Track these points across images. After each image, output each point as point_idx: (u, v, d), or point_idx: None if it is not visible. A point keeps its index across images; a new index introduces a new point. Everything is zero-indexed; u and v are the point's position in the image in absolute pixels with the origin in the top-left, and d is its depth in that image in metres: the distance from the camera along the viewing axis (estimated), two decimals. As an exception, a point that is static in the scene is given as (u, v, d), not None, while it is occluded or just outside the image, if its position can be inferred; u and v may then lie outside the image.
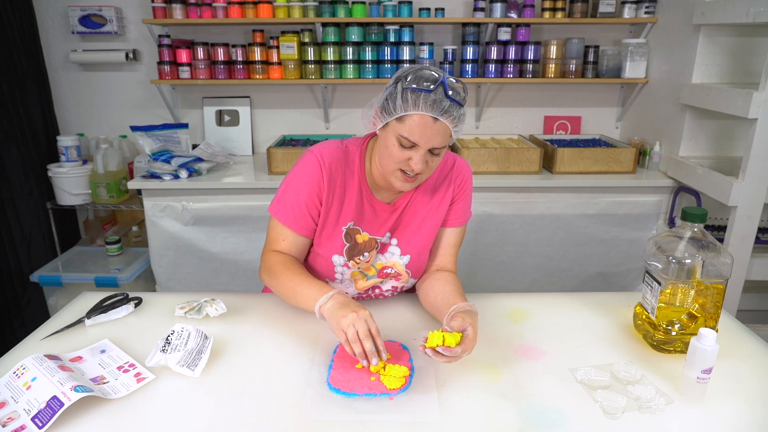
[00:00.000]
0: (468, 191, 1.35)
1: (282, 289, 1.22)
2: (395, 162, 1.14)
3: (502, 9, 2.66)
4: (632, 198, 2.50)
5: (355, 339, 1.03)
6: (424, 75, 1.10)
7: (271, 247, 1.28)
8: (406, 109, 1.09)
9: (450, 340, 1.02)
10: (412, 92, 1.08)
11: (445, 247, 1.35)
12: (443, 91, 1.08)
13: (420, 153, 1.12)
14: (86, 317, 1.24)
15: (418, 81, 1.09)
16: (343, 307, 1.07)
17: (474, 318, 1.10)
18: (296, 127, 3.03)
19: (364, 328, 1.03)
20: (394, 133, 1.12)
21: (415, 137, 1.10)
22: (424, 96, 1.07)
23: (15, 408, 0.92)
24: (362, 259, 1.30)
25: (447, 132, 1.12)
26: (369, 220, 1.28)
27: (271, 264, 1.24)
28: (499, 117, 3.06)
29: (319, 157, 1.23)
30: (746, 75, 2.31)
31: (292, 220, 1.24)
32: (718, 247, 1.10)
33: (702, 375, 0.98)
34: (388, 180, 1.20)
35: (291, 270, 1.22)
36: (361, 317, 1.04)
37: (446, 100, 1.08)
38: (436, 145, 1.12)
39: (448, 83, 1.09)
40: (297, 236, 1.26)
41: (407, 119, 1.10)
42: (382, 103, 1.14)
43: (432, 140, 1.11)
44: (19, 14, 2.57)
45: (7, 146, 2.48)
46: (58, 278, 2.51)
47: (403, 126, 1.10)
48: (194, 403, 0.98)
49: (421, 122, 1.09)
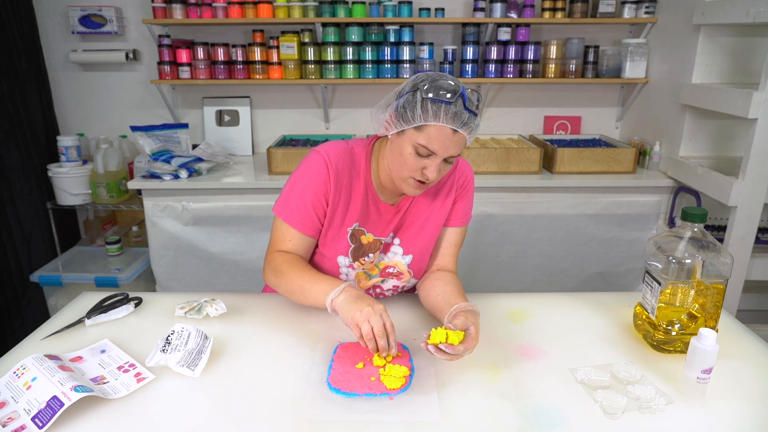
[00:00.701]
0: (470, 192, 1.35)
1: (290, 287, 1.21)
2: (409, 170, 1.15)
3: (502, 9, 2.66)
4: (632, 198, 2.50)
5: (370, 336, 1.03)
6: (443, 86, 1.10)
7: (276, 247, 1.27)
8: (426, 120, 1.09)
9: (453, 337, 1.02)
10: (432, 103, 1.08)
11: (446, 247, 1.36)
12: (462, 103, 1.09)
13: (436, 162, 1.13)
14: (86, 317, 1.24)
15: (438, 91, 1.09)
16: (357, 301, 1.07)
17: (476, 317, 1.11)
18: (296, 127, 3.03)
19: (380, 324, 1.03)
20: (411, 141, 1.12)
21: (434, 147, 1.11)
22: (445, 107, 1.08)
23: (15, 408, 0.92)
24: (367, 260, 1.30)
25: (463, 142, 1.13)
26: (374, 221, 1.28)
27: (277, 263, 1.23)
28: (499, 117, 3.06)
29: (326, 158, 1.22)
30: (746, 75, 2.31)
31: (297, 220, 1.24)
32: (718, 247, 1.10)
33: (702, 375, 0.98)
34: (399, 186, 1.20)
35: (298, 267, 1.21)
36: (376, 312, 1.04)
37: (465, 112, 1.09)
38: (453, 154, 1.13)
39: (467, 95, 1.10)
40: (303, 236, 1.25)
41: (426, 129, 1.10)
42: (398, 110, 1.13)
43: (449, 150, 1.12)
44: (19, 14, 2.57)
45: (7, 146, 2.48)
46: (58, 278, 2.51)
47: (421, 135, 1.11)
48: (194, 403, 0.97)
49: (441, 133, 1.09)
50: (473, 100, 1.12)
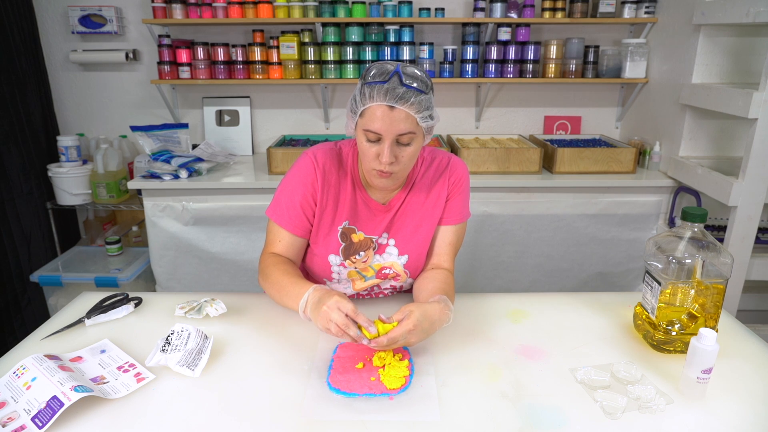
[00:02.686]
0: (463, 189, 1.34)
1: (272, 291, 1.23)
2: (369, 160, 1.17)
3: (502, 9, 2.66)
4: (632, 198, 2.50)
5: (339, 332, 1.03)
6: (380, 69, 1.14)
7: (268, 249, 1.29)
8: (364, 103, 1.13)
9: (380, 328, 1.04)
10: (368, 86, 1.12)
11: (440, 246, 1.35)
12: (398, 80, 1.11)
13: (386, 144, 1.13)
14: (86, 317, 1.24)
15: (374, 75, 1.13)
16: (317, 307, 1.07)
17: (420, 308, 1.08)
18: (296, 127, 3.03)
19: (341, 318, 1.03)
20: (360, 129, 1.16)
21: (376, 127, 1.12)
22: (378, 87, 1.11)
23: (15, 408, 0.92)
24: (358, 258, 1.30)
25: (408, 119, 1.13)
26: (364, 219, 1.29)
27: (264, 266, 1.26)
28: (499, 117, 3.06)
29: (313, 158, 1.26)
30: (746, 75, 2.31)
31: (287, 221, 1.26)
32: (718, 247, 1.10)
33: (702, 375, 0.98)
34: (370, 180, 1.23)
35: (281, 271, 1.22)
36: (332, 307, 1.04)
37: (401, 87, 1.11)
38: (400, 132, 1.13)
39: (402, 71, 1.12)
40: (293, 237, 1.27)
41: (367, 112, 1.13)
42: (350, 105, 1.18)
43: (393, 128, 1.12)
44: (19, 14, 2.57)
45: (7, 146, 2.48)
46: (58, 278, 2.51)
47: (364, 120, 1.14)
48: (194, 403, 0.97)
49: (378, 112, 1.11)
50: (415, 77, 1.13)
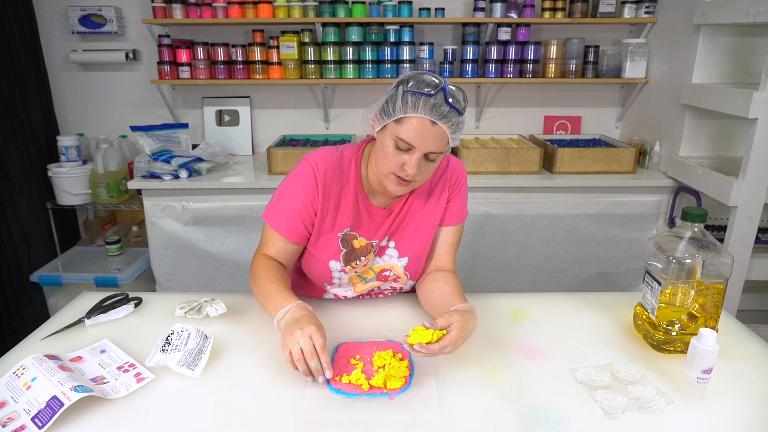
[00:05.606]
0: (463, 189, 1.34)
1: (257, 293, 1.22)
2: (390, 165, 1.14)
3: (502, 9, 2.66)
4: (632, 198, 2.50)
5: (299, 357, 1.01)
6: (425, 80, 1.11)
7: (261, 250, 1.28)
8: (405, 112, 1.10)
9: (428, 336, 1.01)
10: (412, 95, 1.09)
11: (442, 247, 1.35)
12: (443, 97, 1.09)
13: (415, 157, 1.12)
14: (86, 317, 1.24)
15: (419, 85, 1.10)
16: (292, 324, 1.05)
17: (463, 317, 1.08)
18: (296, 127, 3.03)
19: (309, 346, 1.01)
20: (392, 134, 1.13)
21: (412, 139, 1.10)
22: (423, 99, 1.08)
23: (15, 408, 0.92)
24: (359, 264, 1.30)
25: (444, 138, 1.12)
26: (366, 225, 1.28)
27: (255, 267, 1.25)
28: (499, 117, 3.06)
29: (314, 165, 1.22)
30: (746, 75, 2.31)
31: (284, 228, 1.24)
32: (718, 247, 1.10)
33: (702, 375, 0.98)
34: (382, 182, 1.20)
35: (269, 276, 1.20)
36: (305, 334, 1.02)
37: (445, 106, 1.09)
38: (432, 149, 1.12)
39: (448, 90, 1.10)
40: (288, 243, 1.26)
41: (405, 121, 1.10)
42: (382, 106, 1.15)
43: (428, 144, 1.11)
44: (19, 14, 2.57)
45: (7, 146, 2.48)
46: (58, 278, 2.51)
47: (400, 128, 1.11)
48: (194, 403, 0.97)
49: (418, 125, 1.09)
50: (457, 98, 1.12)
